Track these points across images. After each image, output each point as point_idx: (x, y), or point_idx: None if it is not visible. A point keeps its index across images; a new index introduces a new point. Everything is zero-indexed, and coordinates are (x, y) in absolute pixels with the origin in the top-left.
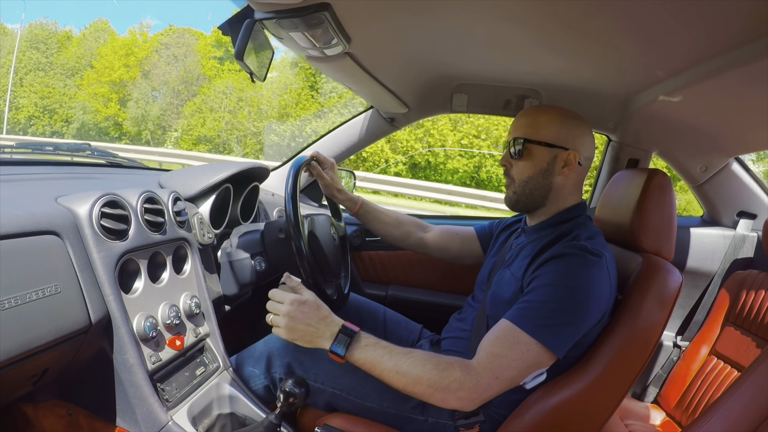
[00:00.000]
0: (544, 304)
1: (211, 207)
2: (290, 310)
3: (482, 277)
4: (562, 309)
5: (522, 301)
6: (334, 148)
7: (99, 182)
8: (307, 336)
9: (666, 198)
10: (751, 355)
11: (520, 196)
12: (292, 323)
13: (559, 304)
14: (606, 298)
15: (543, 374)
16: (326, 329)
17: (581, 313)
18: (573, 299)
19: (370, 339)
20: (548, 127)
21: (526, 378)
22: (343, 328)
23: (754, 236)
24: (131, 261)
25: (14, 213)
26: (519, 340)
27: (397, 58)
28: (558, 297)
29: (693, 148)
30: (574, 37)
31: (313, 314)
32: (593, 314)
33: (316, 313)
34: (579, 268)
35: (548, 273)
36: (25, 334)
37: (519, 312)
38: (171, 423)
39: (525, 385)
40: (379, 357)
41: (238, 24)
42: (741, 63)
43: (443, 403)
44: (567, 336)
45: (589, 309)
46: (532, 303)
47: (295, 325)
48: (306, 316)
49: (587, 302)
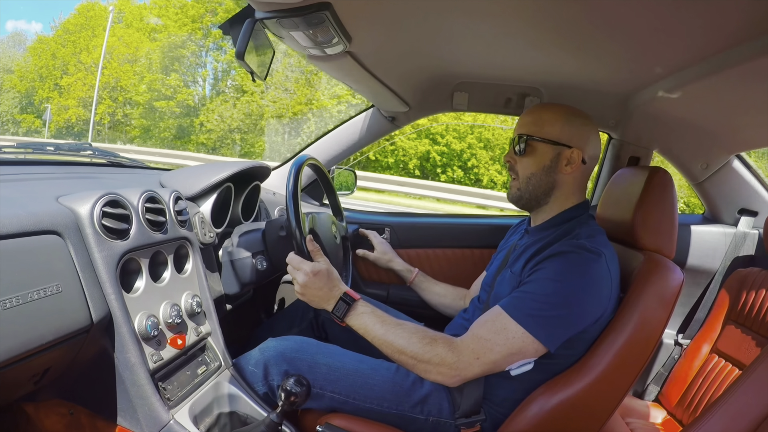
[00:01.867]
0: (536, 296)
1: (212, 206)
2: (305, 279)
3: (488, 278)
4: (553, 303)
5: (516, 291)
6: (335, 147)
7: (100, 182)
8: (315, 299)
9: (667, 196)
10: (753, 353)
11: (524, 192)
12: (304, 289)
13: (551, 298)
14: (606, 296)
15: (530, 363)
16: (331, 295)
17: (575, 309)
18: (566, 295)
19: (366, 308)
20: (552, 124)
21: (511, 365)
22: (344, 295)
23: (755, 234)
24: (132, 260)
25: (15, 213)
26: (506, 326)
27: (397, 57)
28: (551, 291)
29: (694, 145)
30: (574, 35)
31: (323, 282)
32: (590, 312)
33: (326, 282)
34: (576, 266)
35: (545, 269)
36: (26, 334)
37: (511, 301)
38: (172, 422)
39: (510, 371)
40: (372, 324)
41: (238, 23)
42: (742, 60)
43: (425, 375)
44: (557, 329)
45: (585, 306)
46: (525, 293)
47: (306, 291)
48: (316, 284)
49: (583, 299)
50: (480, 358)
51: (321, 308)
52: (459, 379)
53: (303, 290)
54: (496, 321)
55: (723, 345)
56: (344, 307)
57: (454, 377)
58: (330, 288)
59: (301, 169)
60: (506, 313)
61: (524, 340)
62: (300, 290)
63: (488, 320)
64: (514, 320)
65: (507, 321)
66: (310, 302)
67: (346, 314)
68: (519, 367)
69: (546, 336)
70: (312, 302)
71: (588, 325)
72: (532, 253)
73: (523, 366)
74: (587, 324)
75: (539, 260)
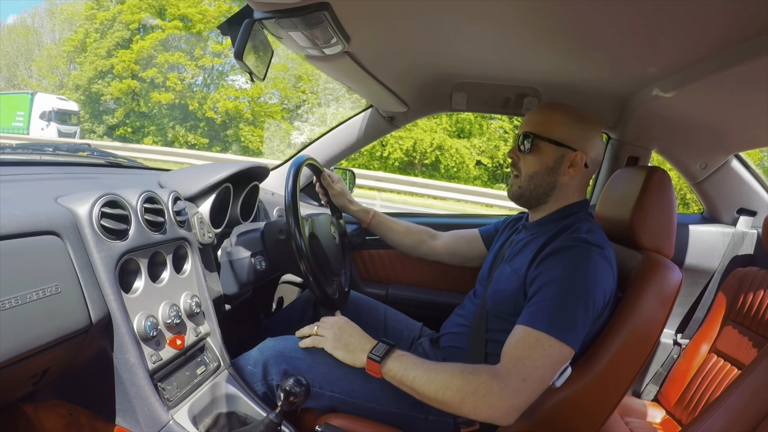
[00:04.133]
0: (553, 301)
1: (211, 206)
2: (336, 328)
3: (483, 272)
4: (571, 302)
5: (532, 303)
6: (334, 147)
7: (99, 182)
8: (352, 345)
9: (666, 195)
10: (752, 353)
11: (524, 190)
12: (338, 333)
13: (567, 297)
14: (609, 289)
15: (568, 369)
16: (367, 342)
17: (590, 300)
18: (580, 290)
19: (403, 351)
20: (560, 126)
21: (554, 376)
22: (381, 340)
23: (754, 233)
24: (131, 261)
25: (14, 213)
26: (538, 339)
27: (396, 57)
28: (565, 290)
29: (693, 145)
30: (573, 35)
31: (353, 327)
32: (600, 301)
33: (358, 331)
34: (582, 259)
35: (552, 268)
36: (25, 334)
37: (531, 314)
38: (172, 422)
39: (554, 384)
40: (412, 365)
41: (237, 24)
42: (741, 60)
43: (475, 411)
44: (581, 327)
45: (596, 297)
46: (543, 302)
47: (340, 337)
48: (347, 330)
49: (594, 290)
50: (527, 379)
51: (353, 357)
52: (512, 410)
53: (335, 336)
54: (526, 338)
55: (722, 344)
56: (384, 348)
57: (506, 408)
58: (361, 334)
59: (299, 170)
60: (531, 328)
61: (560, 347)
62: (332, 336)
63: (517, 340)
64: (543, 332)
65: (536, 334)
66: (342, 348)
67: (387, 354)
68: (560, 377)
69: (575, 337)
70: (345, 348)
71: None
72: (535, 252)
73: (564, 374)
74: (598, 313)
75: (543, 258)
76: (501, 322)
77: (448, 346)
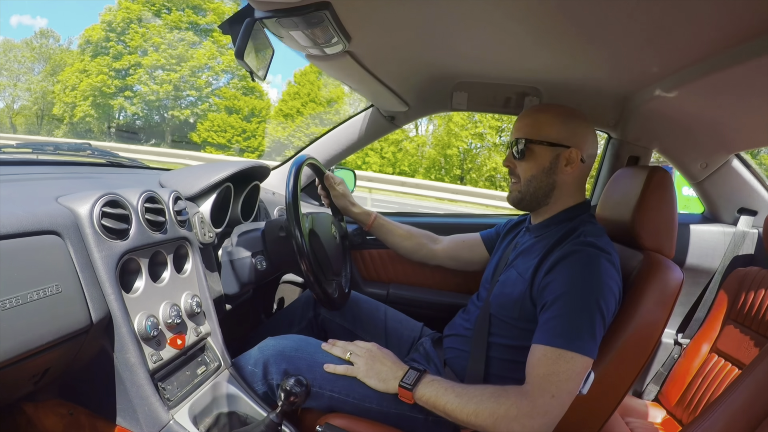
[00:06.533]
0: (570, 316)
1: (211, 206)
2: (370, 355)
3: (487, 276)
4: (586, 313)
5: (547, 319)
6: (335, 147)
7: (99, 182)
8: (382, 374)
9: (667, 195)
10: (752, 353)
11: (524, 194)
12: (371, 362)
13: (583, 309)
14: (618, 294)
15: (591, 375)
16: (399, 369)
17: (604, 307)
18: (593, 299)
19: (434, 377)
20: (549, 126)
21: (580, 386)
22: (412, 366)
23: (755, 233)
24: (132, 260)
25: (15, 213)
26: (560, 355)
27: (397, 57)
28: (580, 302)
29: (693, 145)
30: (574, 34)
31: (388, 359)
32: (612, 307)
33: (390, 357)
34: (591, 264)
35: (562, 277)
36: (26, 334)
37: (547, 332)
38: (172, 422)
39: (581, 392)
40: (444, 390)
41: (238, 23)
42: (741, 60)
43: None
44: (598, 335)
45: (609, 303)
46: (559, 318)
47: (373, 366)
48: (378, 357)
49: (607, 296)
50: (555, 396)
51: (385, 384)
52: (545, 427)
53: (368, 362)
54: (548, 354)
55: (722, 344)
56: (415, 375)
57: (539, 426)
58: (394, 360)
59: (300, 169)
60: (551, 346)
61: (581, 359)
62: (365, 361)
63: (539, 358)
64: (562, 348)
65: (557, 351)
66: (375, 376)
67: (418, 381)
68: (585, 384)
69: (591, 348)
70: (378, 375)
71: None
72: (541, 256)
73: (588, 381)
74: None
75: (551, 266)
76: (504, 326)
77: (450, 347)
